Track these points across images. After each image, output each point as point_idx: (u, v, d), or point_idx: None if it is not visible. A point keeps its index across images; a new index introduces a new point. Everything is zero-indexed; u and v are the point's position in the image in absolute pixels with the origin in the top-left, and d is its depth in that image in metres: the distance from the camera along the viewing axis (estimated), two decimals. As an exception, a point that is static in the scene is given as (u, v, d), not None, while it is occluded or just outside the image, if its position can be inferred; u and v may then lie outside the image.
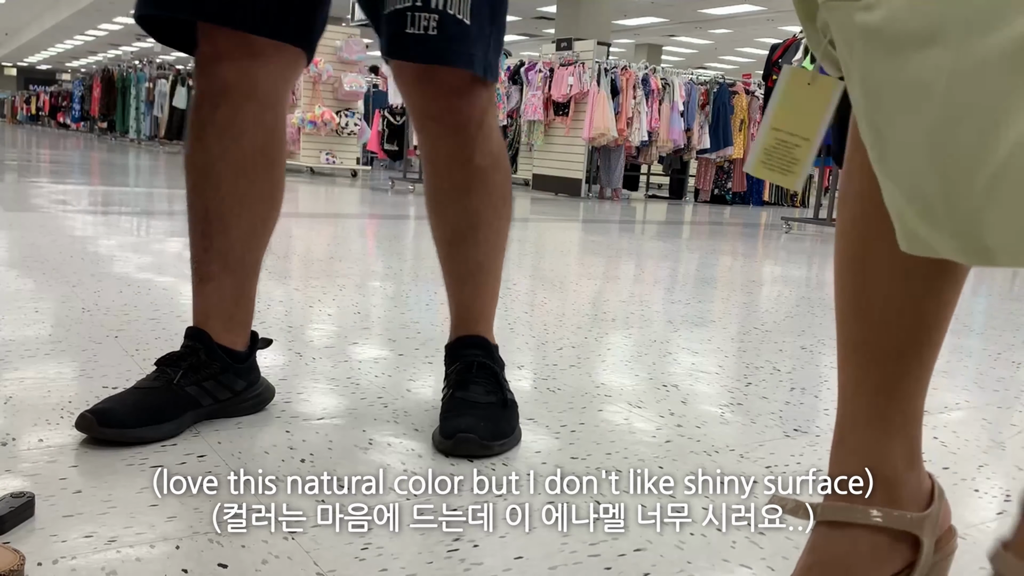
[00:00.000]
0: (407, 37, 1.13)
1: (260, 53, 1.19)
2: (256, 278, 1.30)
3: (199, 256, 1.26)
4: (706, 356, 1.94)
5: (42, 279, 2.29)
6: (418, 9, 1.12)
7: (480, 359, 1.30)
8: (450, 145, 1.25)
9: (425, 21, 1.12)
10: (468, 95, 1.21)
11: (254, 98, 1.21)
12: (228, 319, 1.27)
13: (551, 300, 2.56)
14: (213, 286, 1.26)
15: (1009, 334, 2.46)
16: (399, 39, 1.14)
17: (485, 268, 1.33)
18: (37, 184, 5.90)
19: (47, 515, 0.92)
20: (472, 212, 1.29)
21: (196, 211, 1.25)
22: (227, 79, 1.20)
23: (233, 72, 1.19)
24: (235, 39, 1.18)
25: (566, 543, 0.94)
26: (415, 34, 1.12)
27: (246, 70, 1.20)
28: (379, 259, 3.41)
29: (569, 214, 6.27)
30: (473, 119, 1.23)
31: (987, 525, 1.07)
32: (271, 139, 1.25)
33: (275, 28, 1.19)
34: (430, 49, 1.13)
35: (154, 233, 3.83)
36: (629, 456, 1.24)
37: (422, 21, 1.12)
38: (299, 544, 0.89)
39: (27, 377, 1.41)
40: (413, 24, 1.12)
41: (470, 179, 1.27)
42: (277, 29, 1.19)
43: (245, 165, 1.22)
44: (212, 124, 1.21)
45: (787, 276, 3.70)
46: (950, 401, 1.66)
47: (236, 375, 1.26)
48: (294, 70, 1.26)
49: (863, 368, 0.74)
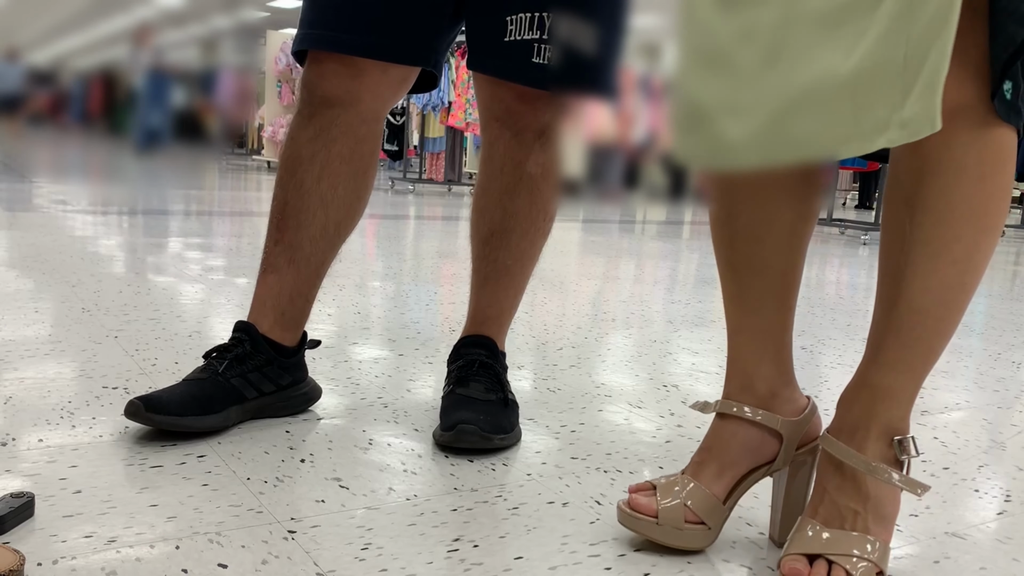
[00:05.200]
0: (531, 66, 1.21)
1: (366, 73, 1.21)
2: (318, 281, 1.32)
3: (269, 247, 1.29)
4: (706, 356, 1.94)
5: (42, 279, 2.29)
6: (543, 41, 1.20)
7: (483, 358, 1.31)
8: (507, 147, 1.30)
9: (549, 53, 1.21)
10: (533, 104, 1.26)
11: (353, 110, 1.23)
12: (280, 314, 1.28)
13: (551, 300, 2.56)
14: (274, 278, 1.28)
15: (1009, 334, 2.46)
16: (521, 66, 1.21)
17: (511, 272, 1.35)
18: (37, 184, 5.90)
19: (47, 515, 0.92)
20: (511, 215, 1.32)
21: (276, 204, 1.28)
22: (328, 94, 1.22)
23: (336, 89, 1.22)
24: (342, 63, 1.20)
25: (566, 543, 0.94)
26: (539, 63, 1.21)
27: (349, 88, 1.22)
28: (379, 259, 3.41)
29: (569, 214, 6.27)
30: (533, 128, 1.28)
31: (987, 525, 1.07)
32: (361, 149, 1.26)
33: (383, 51, 1.20)
34: (547, 76, 1.22)
35: (154, 233, 3.83)
36: (629, 456, 1.24)
37: (547, 53, 1.21)
38: (299, 544, 0.89)
39: (27, 377, 1.41)
40: (539, 55, 1.21)
41: (518, 183, 1.31)
42: (385, 52, 1.21)
43: (330, 170, 1.25)
44: (306, 128, 1.24)
45: (787, 276, 3.70)
46: (950, 401, 1.66)
47: (282, 369, 1.27)
48: (401, 85, 1.27)
49: (742, 310, 0.95)
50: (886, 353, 0.90)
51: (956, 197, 0.84)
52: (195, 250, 3.14)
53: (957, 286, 0.87)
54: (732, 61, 0.71)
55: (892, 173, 0.90)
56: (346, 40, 1.19)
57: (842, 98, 0.70)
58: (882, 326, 0.90)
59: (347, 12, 1.18)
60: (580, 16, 1.21)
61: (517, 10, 1.20)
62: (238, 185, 7.50)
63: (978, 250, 0.86)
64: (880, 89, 0.71)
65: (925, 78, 0.71)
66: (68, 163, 8.55)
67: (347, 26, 1.18)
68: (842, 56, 0.70)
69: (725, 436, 0.95)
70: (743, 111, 0.71)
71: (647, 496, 0.93)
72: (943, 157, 0.83)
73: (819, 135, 0.71)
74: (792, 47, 0.70)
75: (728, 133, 0.71)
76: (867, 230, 5.55)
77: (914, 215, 0.86)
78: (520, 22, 1.21)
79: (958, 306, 0.88)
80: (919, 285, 0.86)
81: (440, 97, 8.40)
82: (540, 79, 1.22)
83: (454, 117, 8.32)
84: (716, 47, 0.72)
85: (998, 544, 1.02)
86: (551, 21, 1.20)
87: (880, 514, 0.89)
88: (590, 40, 1.22)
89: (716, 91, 0.72)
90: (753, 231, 0.92)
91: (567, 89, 1.25)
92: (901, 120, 0.72)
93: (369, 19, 1.18)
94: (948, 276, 0.86)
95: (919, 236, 0.85)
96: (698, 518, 0.92)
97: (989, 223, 0.85)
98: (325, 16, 1.20)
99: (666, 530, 0.91)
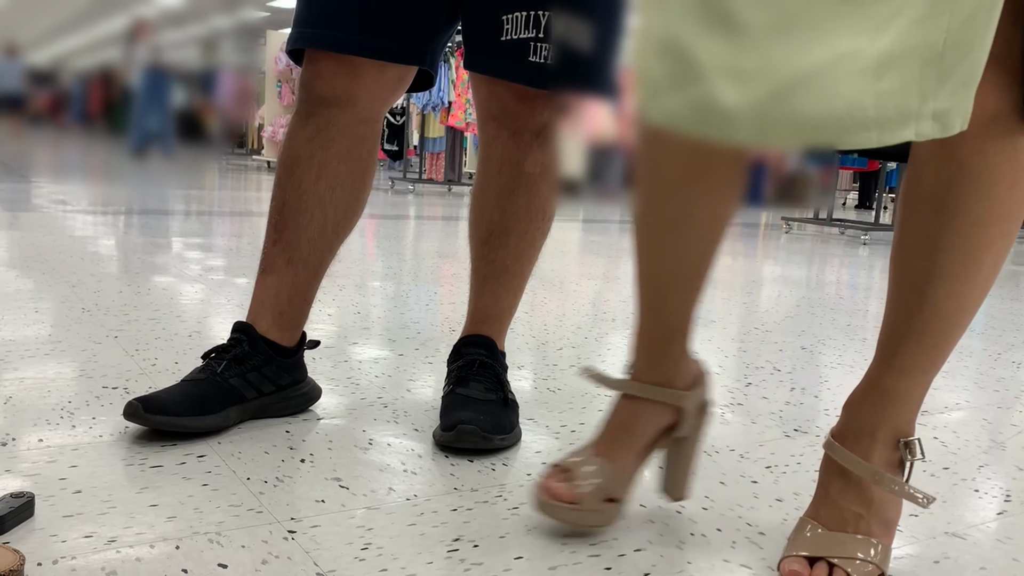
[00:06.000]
0: (528, 65, 1.20)
1: (363, 73, 1.21)
2: (317, 282, 1.31)
3: (267, 248, 1.29)
4: (706, 356, 1.94)
5: (42, 279, 2.29)
6: (540, 40, 1.19)
7: (483, 358, 1.31)
8: (505, 147, 1.29)
9: (545, 51, 1.20)
10: (530, 103, 1.26)
11: (350, 110, 1.22)
12: (279, 314, 1.28)
13: (551, 300, 2.56)
14: (273, 279, 1.28)
15: (1009, 334, 2.46)
16: (518, 66, 1.20)
17: (510, 272, 1.35)
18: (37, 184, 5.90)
19: (47, 515, 0.92)
20: (510, 215, 1.32)
21: (274, 204, 1.28)
22: (325, 94, 1.22)
23: (332, 89, 1.21)
24: (339, 62, 1.20)
25: (566, 543, 0.94)
26: (536, 62, 1.20)
27: (346, 87, 1.21)
28: (379, 259, 3.41)
29: (569, 214, 6.28)
30: (530, 127, 1.28)
31: (987, 525, 1.07)
32: (359, 149, 1.26)
33: (379, 51, 1.20)
34: (544, 75, 1.21)
35: (154, 233, 3.83)
36: (629, 456, 1.24)
37: (544, 51, 1.20)
38: (299, 544, 0.89)
39: (27, 377, 1.41)
40: (535, 54, 1.20)
41: (516, 183, 1.30)
42: (381, 52, 1.20)
43: (329, 170, 1.24)
44: (304, 128, 1.24)
45: (787, 276, 3.70)
46: (950, 401, 1.66)
47: (281, 369, 1.27)
48: (399, 85, 1.26)
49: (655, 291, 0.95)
50: (903, 357, 0.89)
51: (990, 204, 0.83)
52: (195, 250, 3.14)
53: (981, 290, 0.87)
54: (739, 20, 0.63)
55: (913, 178, 0.88)
56: (341, 39, 1.18)
57: (864, 81, 0.63)
58: (899, 330, 0.89)
59: (342, 11, 1.18)
60: (577, 14, 1.20)
61: (513, 9, 1.20)
62: (238, 185, 7.50)
63: (1002, 255, 0.86)
64: (912, 75, 0.64)
65: (964, 71, 0.67)
66: (68, 163, 8.54)
67: (342, 25, 1.18)
68: (870, 35, 0.62)
69: (633, 413, 0.97)
70: (745, 77, 0.63)
71: (562, 481, 0.94)
72: (978, 163, 0.81)
73: (830, 118, 0.63)
74: (811, 16, 0.62)
75: (723, 97, 0.63)
76: (867, 230, 5.55)
77: (945, 221, 0.84)
78: (516, 21, 1.20)
79: (976, 309, 0.88)
80: (945, 290, 0.86)
81: (440, 97, 8.40)
82: (538, 78, 1.22)
83: (454, 117, 8.32)
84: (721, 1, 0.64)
85: (998, 544, 1.02)
86: (547, 20, 1.19)
87: (883, 518, 0.89)
88: (587, 38, 1.21)
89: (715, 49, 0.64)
90: (677, 218, 0.89)
91: (565, 88, 1.24)
92: (934, 111, 0.66)
93: (364, 18, 1.18)
94: (975, 281, 0.85)
95: (950, 242, 0.84)
96: (613, 495, 0.95)
97: (1014, 228, 0.85)
98: (320, 15, 1.19)
99: (584, 513, 0.93)
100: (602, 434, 0.98)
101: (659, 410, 0.97)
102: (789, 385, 1.71)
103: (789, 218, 6.28)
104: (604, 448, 0.96)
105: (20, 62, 14.51)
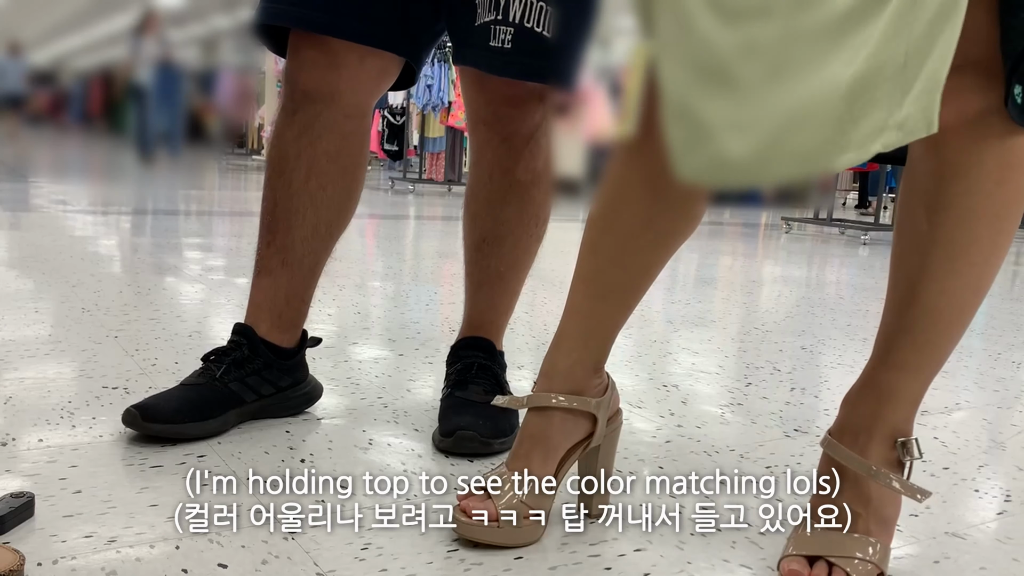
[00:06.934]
0: (489, 50, 1.14)
1: (343, 64, 1.18)
2: (314, 281, 1.30)
3: (261, 250, 1.27)
4: (706, 356, 1.94)
5: (42, 279, 2.29)
6: (498, 23, 1.13)
7: (481, 360, 1.30)
8: (496, 153, 1.26)
9: (503, 34, 1.14)
10: (521, 107, 1.22)
11: (335, 105, 1.20)
12: (277, 316, 1.27)
13: (551, 300, 2.56)
14: (269, 281, 1.26)
15: (1009, 334, 2.46)
16: (481, 51, 1.15)
17: (505, 279, 1.33)
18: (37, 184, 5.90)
19: (47, 515, 0.92)
20: (503, 223, 1.30)
21: (266, 205, 1.26)
22: (307, 87, 1.20)
23: (314, 82, 1.19)
24: (320, 51, 1.17)
25: (566, 543, 0.94)
26: (495, 47, 1.14)
27: (327, 79, 1.19)
28: (379, 259, 3.41)
29: (569, 214, 6.27)
30: (521, 133, 1.24)
31: (987, 525, 1.07)
32: (347, 146, 1.23)
33: (353, 34, 1.16)
34: (506, 62, 1.15)
35: (154, 233, 3.83)
36: (629, 456, 1.24)
37: (500, 34, 1.14)
38: (299, 544, 0.89)
39: (27, 377, 1.41)
40: (494, 37, 1.14)
41: (508, 191, 1.28)
42: (356, 34, 1.16)
43: (318, 168, 1.22)
44: (291, 126, 1.22)
45: (787, 276, 3.70)
46: (950, 401, 1.66)
47: (281, 371, 1.26)
48: (381, 77, 1.23)
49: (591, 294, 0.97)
50: (896, 354, 0.89)
51: (976, 200, 0.83)
52: (195, 250, 3.14)
53: (973, 288, 0.87)
54: (734, 77, 0.68)
55: (908, 176, 0.89)
56: (313, 18, 1.14)
57: (839, 108, 0.68)
58: (893, 327, 0.90)
59: None
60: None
61: None
62: (238, 185, 7.50)
63: (994, 252, 0.86)
64: (879, 92, 0.69)
65: (926, 76, 0.70)
66: (68, 163, 8.53)
67: (316, 4, 1.14)
68: (844, 65, 0.67)
69: (546, 424, 0.97)
70: (745, 128, 0.69)
71: (481, 501, 0.93)
72: (964, 160, 0.82)
73: (815, 149, 0.68)
74: (797, 61, 0.67)
75: (731, 150, 0.68)
76: (867, 230, 5.55)
77: (933, 217, 0.85)
78: (485, 4, 1.15)
79: (971, 308, 0.88)
80: (936, 287, 0.86)
81: (440, 97, 8.40)
82: (497, 65, 1.16)
83: (454, 117, 8.32)
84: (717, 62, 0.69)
85: (998, 544, 1.02)
86: (507, 1, 1.13)
87: (881, 516, 0.89)
88: (549, 22, 1.14)
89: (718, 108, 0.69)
90: (630, 228, 0.91)
91: (521, 76, 1.18)
92: (898, 121, 0.70)
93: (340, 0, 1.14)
94: (965, 278, 0.86)
95: (938, 238, 0.85)
96: (534, 511, 0.94)
97: (1007, 226, 0.85)
98: None
99: (507, 531, 0.92)
100: (516, 450, 0.98)
101: (573, 419, 0.97)
102: (789, 385, 1.71)
103: (789, 218, 6.28)
104: (521, 462, 0.96)
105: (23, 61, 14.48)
